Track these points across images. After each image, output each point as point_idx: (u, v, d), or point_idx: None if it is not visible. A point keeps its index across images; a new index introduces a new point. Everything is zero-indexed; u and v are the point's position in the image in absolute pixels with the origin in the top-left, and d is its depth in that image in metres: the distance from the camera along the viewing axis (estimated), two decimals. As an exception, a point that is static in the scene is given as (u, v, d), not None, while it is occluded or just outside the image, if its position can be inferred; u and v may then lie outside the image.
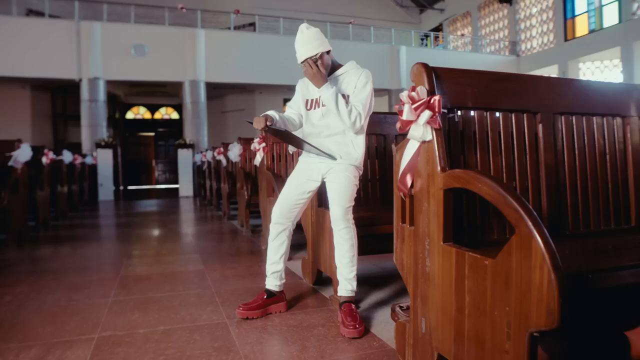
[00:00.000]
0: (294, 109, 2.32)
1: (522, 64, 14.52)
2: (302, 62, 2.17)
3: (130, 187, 15.65)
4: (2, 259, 3.65)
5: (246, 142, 4.94)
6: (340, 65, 2.26)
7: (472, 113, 1.60)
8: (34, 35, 10.02)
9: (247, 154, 5.01)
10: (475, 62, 14.33)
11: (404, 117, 1.50)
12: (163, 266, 3.30)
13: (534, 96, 1.69)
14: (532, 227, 1.03)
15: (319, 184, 2.22)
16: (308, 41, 2.15)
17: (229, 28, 12.04)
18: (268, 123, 2.02)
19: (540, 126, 1.69)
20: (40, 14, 10.86)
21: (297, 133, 2.30)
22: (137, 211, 7.81)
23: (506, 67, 14.46)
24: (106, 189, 9.91)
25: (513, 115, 1.66)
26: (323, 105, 2.20)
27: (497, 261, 1.14)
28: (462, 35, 15.95)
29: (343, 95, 2.17)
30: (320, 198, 2.56)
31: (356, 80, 2.17)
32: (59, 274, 3.11)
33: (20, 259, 3.69)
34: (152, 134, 16.71)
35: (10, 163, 4.53)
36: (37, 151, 5.61)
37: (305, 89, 2.29)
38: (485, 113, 1.62)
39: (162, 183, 16.97)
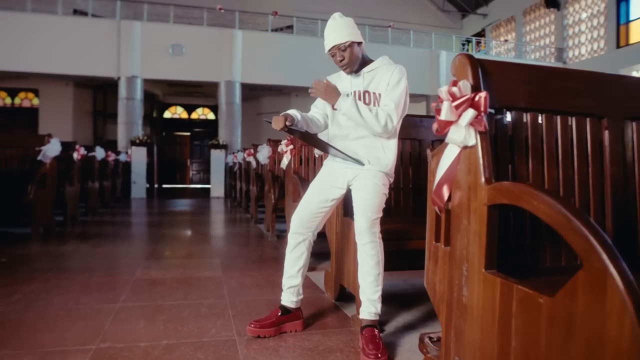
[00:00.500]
0: (319, 108, 2.11)
1: (569, 72, 13.87)
2: (329, 51, 1.97)
3: (164, 186, 15.83)
4: (22, 254, 3.60)
5: (275, 143, 4.77)
6: (371, 60, 2.04)
7: (524, 115, 1.35)
8: (77, 34, 10.24)
9: (276, 156, 4.84)
10: (519, 69, 13.78)
11: (443, 116, 1.27)
12: (180, 270, 3.15)
13: (600, 97, 1.42)
14: (607, 262, 0.79)
15: (344, 191, 2.01)
16: (338, 28, 1.95)
17: (267, 30, 11.97)
18: (288, 123, 1.83)
19: (606, 133, 1.42)
20: (84, 13, 11.11)
21: (322, 135, 2.10)
22: (166, 210, 7.79)
23: (552, 75, 13.82)
24: (139, 187, 9.98)
25: (574, 119, 1.39)
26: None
27: (557, 301, 0.90)
28: (506, 41, 15.39)
29: (369, 95, 1.96)
30: (346, 206, 2.34)
31: (389, 77, 1.95)
32: (74, 273, 3.00)
33: (40, 254, 3.63)
34: (188, 133, 16.89)
35: (39, 157, 4.51)
36: (69, 147, 5.62)
37: (335, 84, 2.10)
38: (540, 115, 1.37)
39: (196, 183, 17.11)
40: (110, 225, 5.63)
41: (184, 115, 16.73)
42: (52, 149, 4.58)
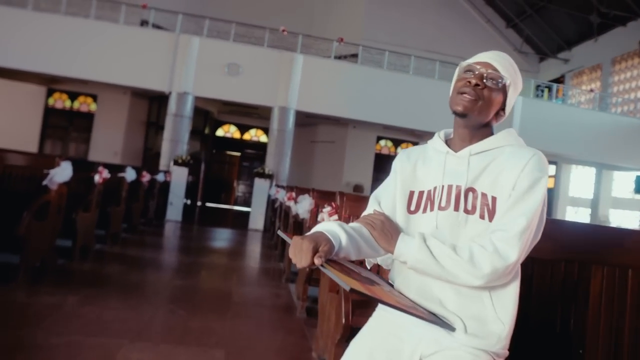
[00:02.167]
0: (381, 207, 1.23)
1: (663, 130, 12.29)
2: (467, 66, 1.18)
3: (208, 204, 15.38)
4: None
5: (321, 196, 3.88)
6: (490, 134, 1.18)
7: None
8: (135, 44, 10.01)
9: (319, 210, 3.97)
10: (603, 122, 12.38)
11: None
12: (164, 374, 2.31)
13: None
14: None
15: (410, 373, 1.10)
16: (504, 59, 1.21)
17: (329, 56, 11.30)
18: (319, 259, 0.94)
19: None
20: (153, 25, 10.91)
21: (385, 259, 1.22)
22: (193, 245, 7.12)
23: (641, 132, 12.31)
24: (176, 208, 9.42)
25: None
26: (441, 208, 1.11)
27: None
28: (592, 90, 13.97)
29: (475, 196, 1.12)
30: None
31: (518, 172, 1.08)
32: (30, 350, 2.23)
33: (12, 307, 2.91)
34: (239, 154, 16.47)
35: (45, 182, 3.88)
36: (91, 168, 5.02)
37: (410, 171, 1.23)
38: None
39: (240, 204, 16.59)
40: (121, 263, 4.93)
41: (237, 134, 16.34)
42: (61, 174, 3.94)
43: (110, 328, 2.90)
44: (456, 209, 1.12)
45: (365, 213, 1.24)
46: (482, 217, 1.09)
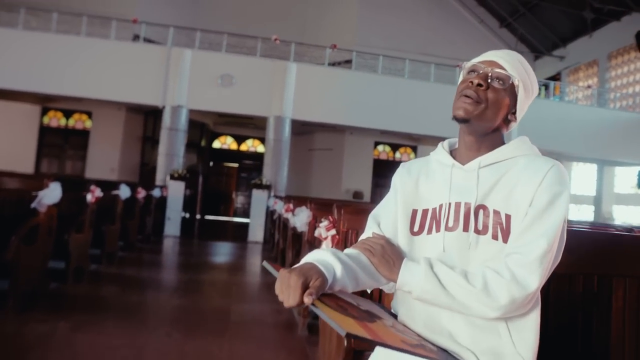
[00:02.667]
0: (380, 229, 1.10)
1: (663, 124, 12.18)
2: (472, 66, 1.06)
3: (207, 217, 15.24)
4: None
5: (319, 208, 3.74)
6: (503, 143, 1.07)
7: None
8: (127, 59, 9.91)
9: (317, 223, 3.84)
10: (602, 118, 12.28)
11: None
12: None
13: None
14: None
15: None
16: (511, 57, 1.09)
17: (323, 63, 11.20)
18: (309, 298, 0.82)
19: None
20: (145, 39, 10.83)
21: (390, 286, 1.10)
22: (192, 261, 6.97)
23: (640, 127, 12.20)
24: (174, 223, 9.27)
25: None
26: (448, 228, 0.99)
27: None
28: (589, 87, 13.88)
29: (487, 214, 0.99)
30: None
31: (535, 187, 0.96)
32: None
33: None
34: (236, 165, 16.36)
35: (33, 205, 3.75)
36: (83, 187, 4.90)
37: (412, 187, 1.11)
38: None
39: (240, 215, 16.45)
40: (116, 284, 4.79)
41: (234, 146, 16.23)
42: (49, 196, 3.81)
43: (103, 357, 2.76)
44: (465, 229, 0.99)
45: (363, 236, 1.11)
46: (495, 237, 0.97)
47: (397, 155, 14.93)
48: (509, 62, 1.04)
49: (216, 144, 16.06)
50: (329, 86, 10.68)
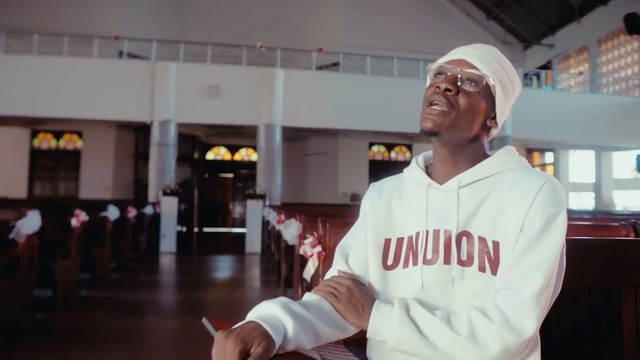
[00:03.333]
0: (348, 265, 0.95)
1: (657, 106, 12.06)
2: (439, 67, 0.91)
3: (205, 229, 15.09)
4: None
5: (309, 219, 3.58)
6: (485, 157, 0.91)
7: None
8: (111, 77, 9.77)
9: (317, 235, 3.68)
10: (596, 104, 12.15)
11: None
12: None
13: None
14: None
15: None
16: (484, 52, 0.92)
17: (310, 68, 11.08)
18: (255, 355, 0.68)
19: None
20: (130, 55, 10.70)
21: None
22: (186, 278, 6.82)
23: (636, 110, 12.07)
24: (169, 240, 9.12)
25: None
26: (427, 261, 0.84)
27: None
28: (580, 73, 13.77)
29: (471, 243, 0.84)
30: None
31: (526, 209, 0.81)
32: None
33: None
34: (231, 175, 16.22)
35: (12, 235, 3.59)
36: (67, 211, 4.75)
37: (383, 212, 0.95)
38: None
39: (238, 225, 16.31)
40: (108, 310, 4.63)
41: (227, 156, 16.09)
42: (28, 225, 3.66)
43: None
44: (447, 261, 0.85)
45: (330, 273, 0.96)
46: (481, 269, 0.83)
47: (393, 155, 14.80)
48: (481, 59, 0.89)
49: (210, 156, 15.92)
50: (318, 90, 10.55)
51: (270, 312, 0.77)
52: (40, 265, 4.05)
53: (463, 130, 0.87)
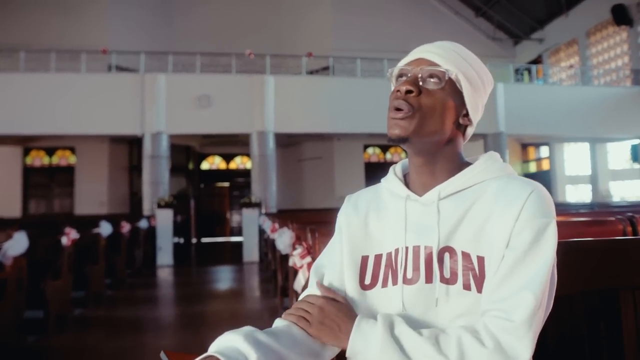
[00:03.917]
0: (324, 285, 0.89)
1: (649, 95, 12.04)
2: (400, 70, 0.85)
3: (203, 240, 15.00)
4: None
5: (301, 227, 3.50)
6: (466, 164, 0.85)
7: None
8: (100, 91, 9.70)
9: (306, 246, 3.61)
10: (589, 96, 12.13)
11: None
12: None
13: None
14: None
15: None
16: (443, 48, 0.88)
17: (301, 73, 11.03)
18: None
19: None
20: (120, 68, 10.65)
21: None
22: (183, 291, 6.76)
23: (628, 101, 12.06)
24: (166, 252, 9.03)
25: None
26: (407, 281, 0.79)
27: None
28: (571, 66, 13.77)
29: (454, 258, 0.78)
30: None
31: (512, 222, 0.74)
32: None
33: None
34: (227, 184, 16.14)
35: (-2, 258, 3.52)
36: (57, 230, 4.67)
37: (360, 227, 0.89)
38: None
39: (236, 234, 16.20)
40: (101, 329, 4.55)
41: (222, 165, 16.02)
42: (15, 247, 3.58)
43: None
44: (429, 280, 0.79)
45: (304, 294, 0.90)
46: (466, 287, 0.77)
47: (388, 156, 14.75)
48: (441, 54, 0.84)
49: (205, 165, 15.86)
50: (310, 95, 10.50)
51: (232, 344, 0.70)
52: (30, 286, 3.99)
53: (433, 132, 0.81)
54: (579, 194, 14.32)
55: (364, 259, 0.87)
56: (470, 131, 0.88)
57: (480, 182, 0.82)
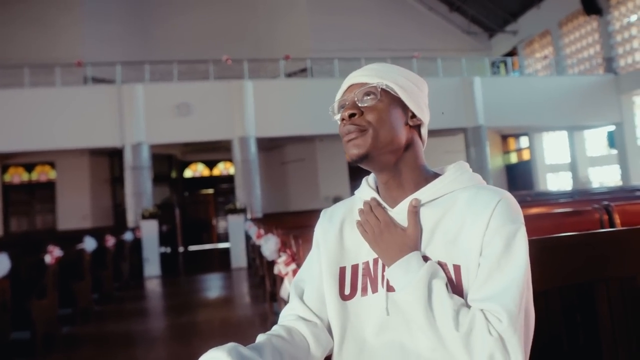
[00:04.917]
0: (303, 301, 0.91)
1: (622, 82, 12.30)
2: (339, 102, 0.93)
3: (190, 248, 14.90)
4: None
5: (286, 233, 3.52)
6: (435, 175, 0.88)
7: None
8: (76, 104, 9.57)
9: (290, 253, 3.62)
10: (564, 86, 12.35)
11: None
12: None
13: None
14: None
15: None
16: (369, 68, 0.92)
17: (279, 76, 11.03)
18: None
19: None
20: (97, 80, 10.51)
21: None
22: (172, 302, 6.71)
23: (602, 89, 12.31)
24: (153, 263, 8.95)
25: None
26: (391, 288, 0.83)
27: None
28: (546, 57, 14.00)
29: (443, 266, 0.80)
30: None
31: (482, 230, 0.78)
32: None
33: None
34: (212, 190, 16.05)
35: (-20, 281, 3.47)
36: (40, 248, 4.61)
37: (335, 239, 0.91)
38: None
39: (223, 240, 16.14)
40: (90, 346, 4.50)
41: (206, 172, 15.93)
42: (-4, 268, 3.54)
43: None
44: None
45: (285, 311, 0.91)
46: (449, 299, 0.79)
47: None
48: (367, 74, 0.89)
49: (188, 173, 15.75)
50: (289, 98, 10.50)
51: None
52: (15, 307, 3.94)
53: (390, 140, 0.84)
54: (559, 182, 14.57)
55: (342, 270, 0.89)
56: (424, 131, 0.91)
57: (451, 192, 0.84)
